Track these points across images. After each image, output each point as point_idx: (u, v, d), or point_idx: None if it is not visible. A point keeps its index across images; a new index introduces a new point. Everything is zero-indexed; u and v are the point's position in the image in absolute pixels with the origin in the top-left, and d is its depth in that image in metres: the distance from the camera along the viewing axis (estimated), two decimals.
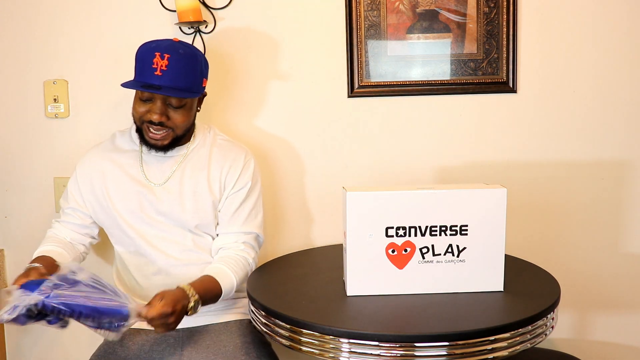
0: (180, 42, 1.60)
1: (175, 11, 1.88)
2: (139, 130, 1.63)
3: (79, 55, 1.95)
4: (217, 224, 1.68)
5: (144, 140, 1.62)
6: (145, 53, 1.55)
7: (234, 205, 1.67)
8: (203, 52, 1.92)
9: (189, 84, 1.56)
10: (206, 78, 1.65)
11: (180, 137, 1.64)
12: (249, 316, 1.67)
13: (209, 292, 1.51)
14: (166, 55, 1.53)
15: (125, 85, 1.56)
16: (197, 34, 1.93)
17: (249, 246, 1.67)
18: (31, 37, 1.94)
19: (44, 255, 1.56)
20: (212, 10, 1.92)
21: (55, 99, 1.96)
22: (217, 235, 1.69)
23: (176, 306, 1.39)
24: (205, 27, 1.93)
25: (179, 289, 1.44)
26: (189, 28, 1.92)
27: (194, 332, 1.63)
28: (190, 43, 1.68)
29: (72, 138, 1.98)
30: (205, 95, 1.69)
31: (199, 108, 1.68)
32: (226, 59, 1.95)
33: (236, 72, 1.96)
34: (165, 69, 1.52)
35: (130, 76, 1.61)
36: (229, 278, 1.57)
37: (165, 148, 1.62)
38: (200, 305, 1.46)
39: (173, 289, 1.44)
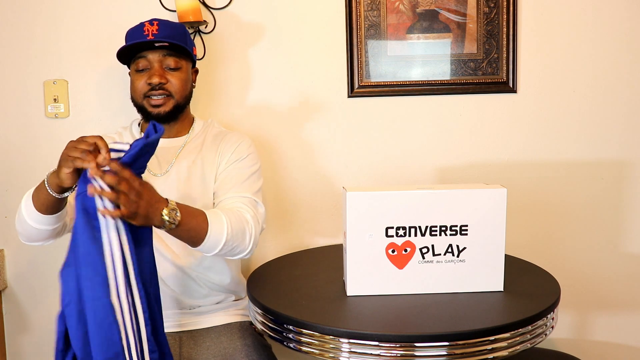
0: None
1: (175, 11, 1.89)
2: (141, 110, 1.63)
3: (79, 55, 1.95)
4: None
5: (147, 115, 1.62)
6: (134, 29, 1.62)
7: (227, 172, 1.61)
8: (203, 52, 1.93)
9: (182, 38, 1.62)
10: (196, 48, 1.74)
11: (181, 108, 1.64)
12: (249, 318, 1.67)
13: (191, 216, 1.35)
14: (155, 22, 1.60)
15: (120, 50, 1.59)
16: (197, 34, 1.93)
17: (246, 205, 1.54)
18: (31, 37, 1.94)
19: None
20: (212, 10, 1.93)
21: (55, 99, 1.96)
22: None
23: (146, 185, 1.25)
24: (205, 27, 1.93)
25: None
26: (189, 28, 1.92)
27: (194, 334, 1.62)
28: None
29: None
30: (197, 71, 1.74)
31: (194, 84, 1.71)
32: (226, 59, 1.95)
33: (236, 72, 1.96)
34: (156, 32, 1.58)
35: None
36: (219, 220, 1.42)
37: (167, 118, 1.62)
38: (177, 222, 1.30)
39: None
